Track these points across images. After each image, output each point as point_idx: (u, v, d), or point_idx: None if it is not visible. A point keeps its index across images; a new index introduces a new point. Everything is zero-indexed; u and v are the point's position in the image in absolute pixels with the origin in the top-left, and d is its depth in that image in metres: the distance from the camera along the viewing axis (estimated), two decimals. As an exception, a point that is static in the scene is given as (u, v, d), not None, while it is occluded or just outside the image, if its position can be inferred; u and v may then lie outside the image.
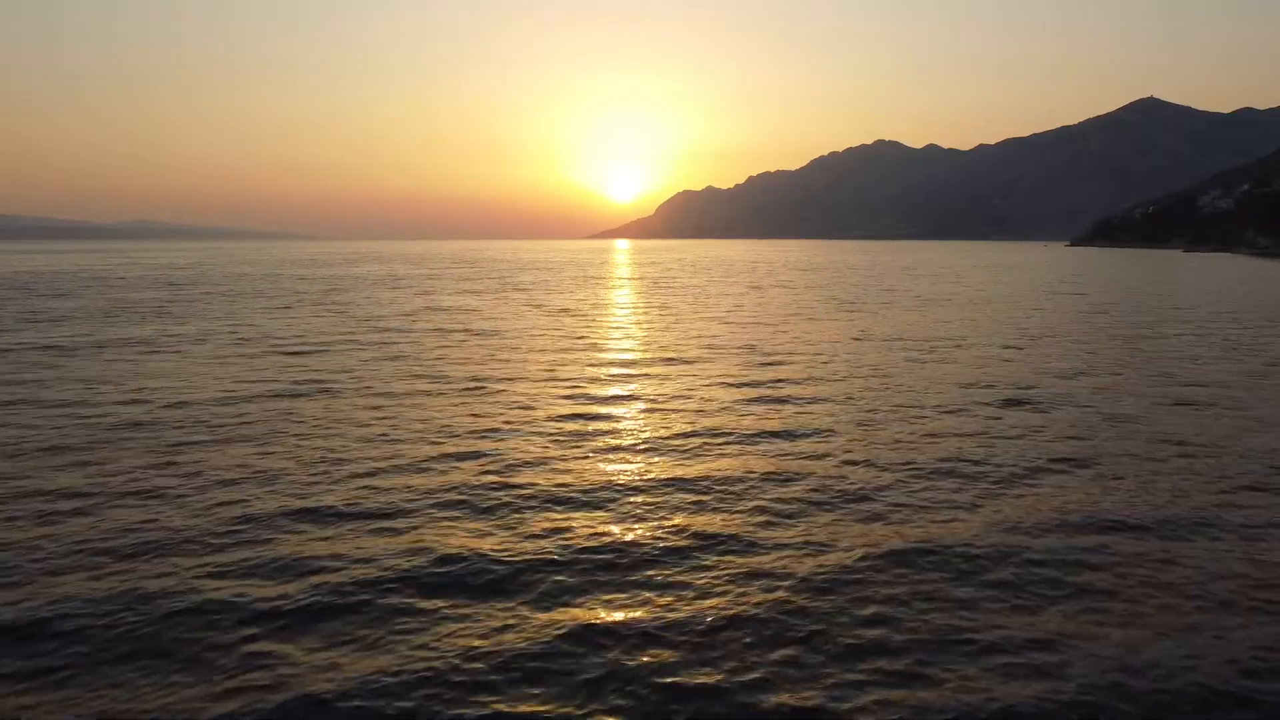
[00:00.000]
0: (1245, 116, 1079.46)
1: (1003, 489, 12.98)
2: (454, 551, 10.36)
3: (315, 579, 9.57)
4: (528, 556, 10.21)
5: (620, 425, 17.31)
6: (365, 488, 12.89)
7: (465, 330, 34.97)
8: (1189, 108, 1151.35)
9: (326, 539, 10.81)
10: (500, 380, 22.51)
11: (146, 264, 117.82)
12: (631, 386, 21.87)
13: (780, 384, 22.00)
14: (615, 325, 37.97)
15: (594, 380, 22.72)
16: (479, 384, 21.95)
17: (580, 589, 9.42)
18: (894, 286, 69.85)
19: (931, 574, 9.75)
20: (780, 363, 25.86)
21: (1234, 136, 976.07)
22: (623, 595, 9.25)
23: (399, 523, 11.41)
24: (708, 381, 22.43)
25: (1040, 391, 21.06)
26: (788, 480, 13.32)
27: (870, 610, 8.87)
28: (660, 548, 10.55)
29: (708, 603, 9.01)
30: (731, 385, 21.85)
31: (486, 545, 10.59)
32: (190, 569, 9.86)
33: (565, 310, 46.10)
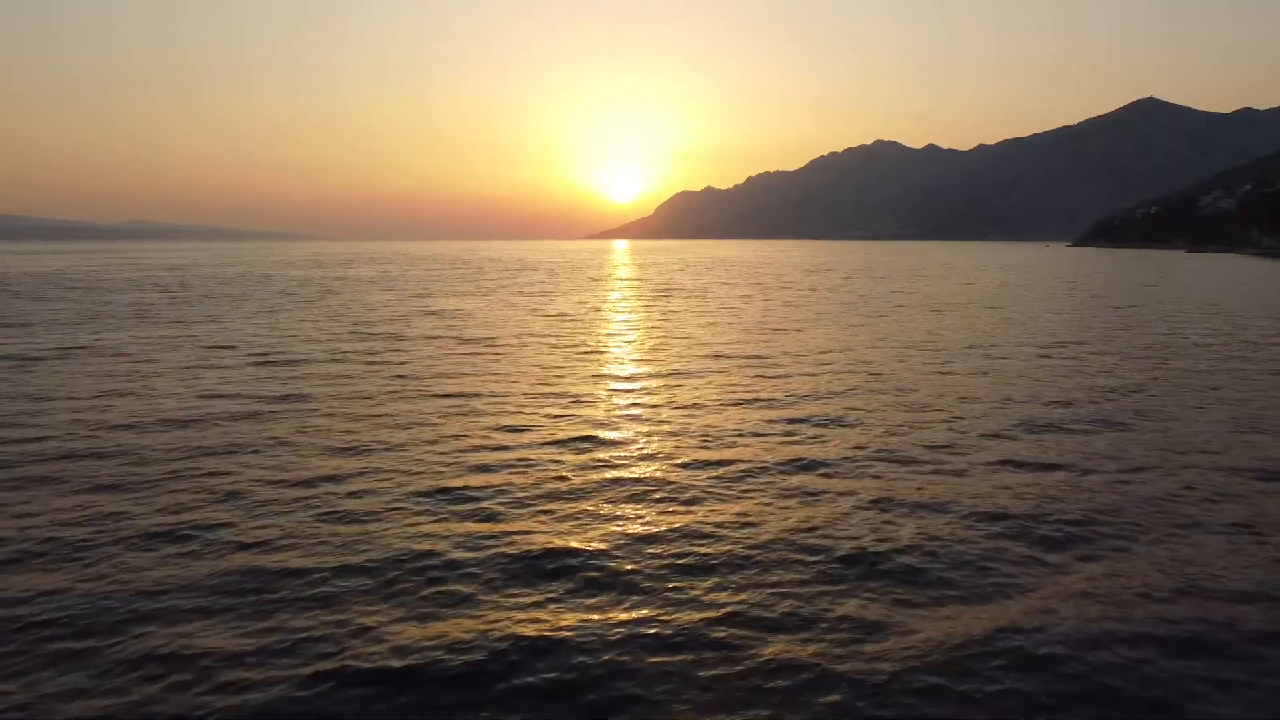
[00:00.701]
0: (1245, 116, 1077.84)
1: (1081, 548, 10.92)
2: (426, 637, 8.41)
3: (254, 675, 7.62)
4: (512, 643, 8.26)
5: (625, 456, 15.33)
6: (309, 550, 10.92)
7: (457, 338, 32.98)
8: (1189, 108, 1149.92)
9: (268, 626, 8.84)
10: (490, 397, 20.53)
11: (140, 265, 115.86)
12: (637, 407, 19.90)
13: (799, 403, 19.95)
14: (616, 332, 36.01)
15: (595, 400, 20.73)
16: (467, 401, 19.98)
17: (583, 688, 7.48)
18: (904, 288, 67.86)
19: (1011, 676, 7.79)
20: (796, 376, 23.87)
21: (1234, 136, 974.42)
22: (636, 695, 7.31)
23: (356, 592, 9.45)
24: (720, 400, 20.44)
25: (1094, 411, 19.04)
26: (820, 532, 11.34)
27: None
28: (676, 628, 8.59)
29: None
30: (746, 405, 19.81)
31: (464, 626, 8.63)
32: (102, 654, 7.92)
33: (563, 315, 44.15)
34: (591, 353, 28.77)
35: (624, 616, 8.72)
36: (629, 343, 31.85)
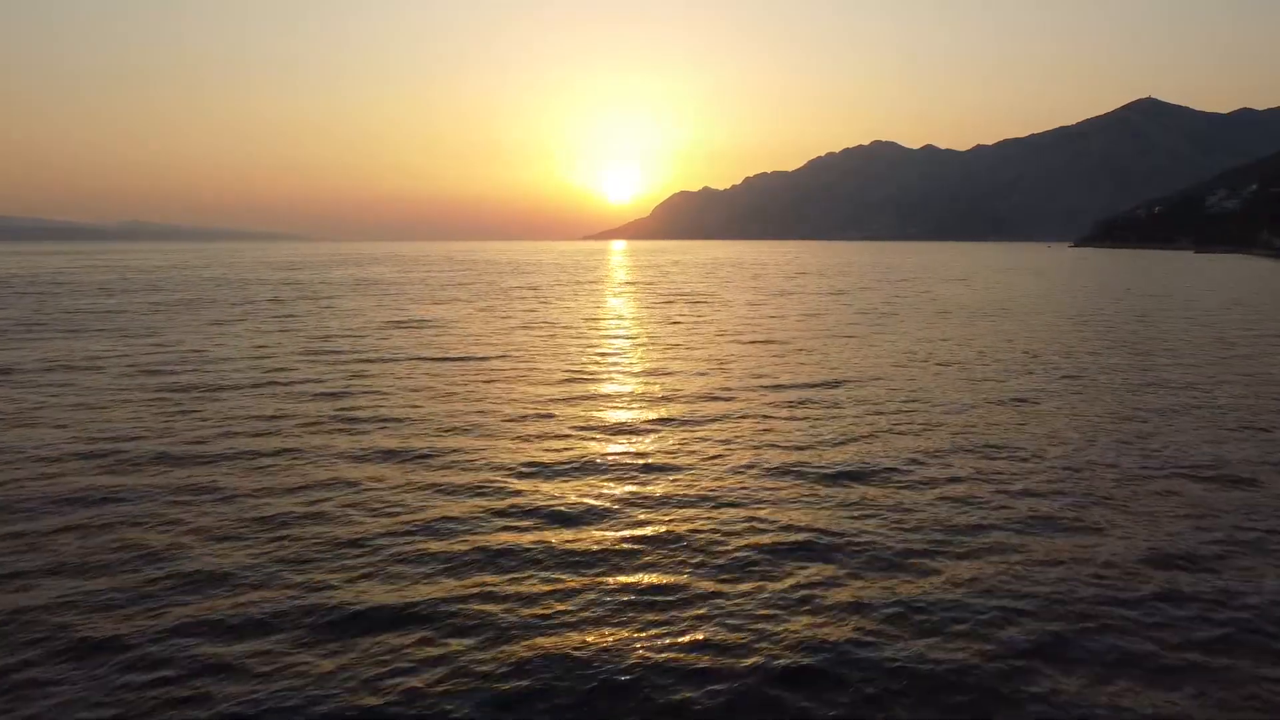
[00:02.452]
0: (1245, 116, 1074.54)
1: None
2: None
3: None
4: None
5: (622, 539, 10.49)
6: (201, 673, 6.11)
7: (426, 358, 27.97)
8: (1188, 108, 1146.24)
9: None
10: (450, 453, 15.67)
11: (120, 267, 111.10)
12: (640, 462, 15.01)
13: (858, 470, 14.92)
14: (614, 350, 30.98)
15: (583, 457, 15.86)
16: (421, 455, 15.16)
17: None
18: (927, 291, 63.00)
19: None
20: (840, 409, 18.94)
21: (1234, 136, 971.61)
22: None
23: None
24: (745, 447, 15.56)
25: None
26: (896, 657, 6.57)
27: None
28: None
29: None
30: (790, 477, 14.97)
31: None
32: None
33: (554, 325, 39.24)
34: (586, 381, 23.88)
35: None
36: (631, 366, 26.94)
